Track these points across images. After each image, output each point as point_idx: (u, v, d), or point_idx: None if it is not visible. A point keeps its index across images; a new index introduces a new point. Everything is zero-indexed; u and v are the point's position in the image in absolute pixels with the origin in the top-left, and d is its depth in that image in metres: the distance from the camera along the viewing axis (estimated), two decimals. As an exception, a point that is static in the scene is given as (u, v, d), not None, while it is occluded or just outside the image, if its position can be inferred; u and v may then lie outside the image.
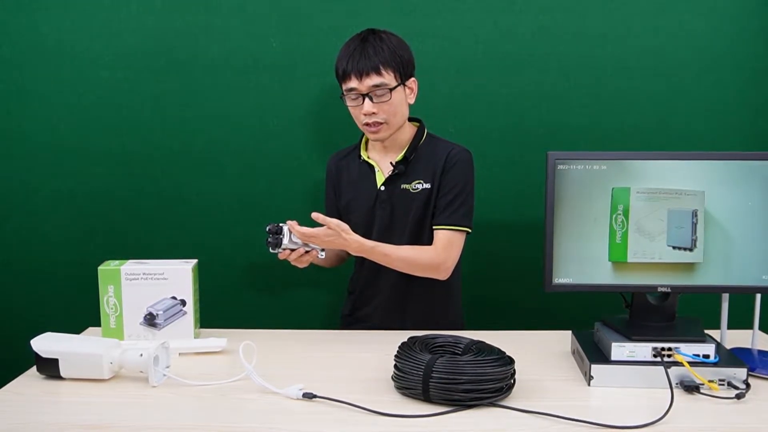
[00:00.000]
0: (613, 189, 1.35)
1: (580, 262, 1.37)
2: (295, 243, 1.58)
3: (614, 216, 1.36)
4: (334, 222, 1.56)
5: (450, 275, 1.72)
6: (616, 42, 2.01)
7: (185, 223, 2.12)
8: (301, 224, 1.57)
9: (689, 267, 1.36)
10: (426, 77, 2.03)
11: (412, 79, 1.70)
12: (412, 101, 1.71)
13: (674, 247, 1.35)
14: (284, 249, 1.58)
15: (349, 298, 1.90)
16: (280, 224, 1.57)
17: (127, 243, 2.12)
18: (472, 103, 2.04)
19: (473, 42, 2.02)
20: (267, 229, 1.56)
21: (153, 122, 2.07)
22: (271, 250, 1.58)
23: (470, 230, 1.72)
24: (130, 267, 1.55)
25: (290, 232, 1.57)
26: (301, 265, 1.63)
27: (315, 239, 1.56)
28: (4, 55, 2.05)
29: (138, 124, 2.07)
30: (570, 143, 2.03)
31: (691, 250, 1.35)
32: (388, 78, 1.62)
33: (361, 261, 1.81)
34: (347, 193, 1.80)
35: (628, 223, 1.35)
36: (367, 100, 1.62)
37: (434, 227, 1.71)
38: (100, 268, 1.55)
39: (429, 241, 1.72)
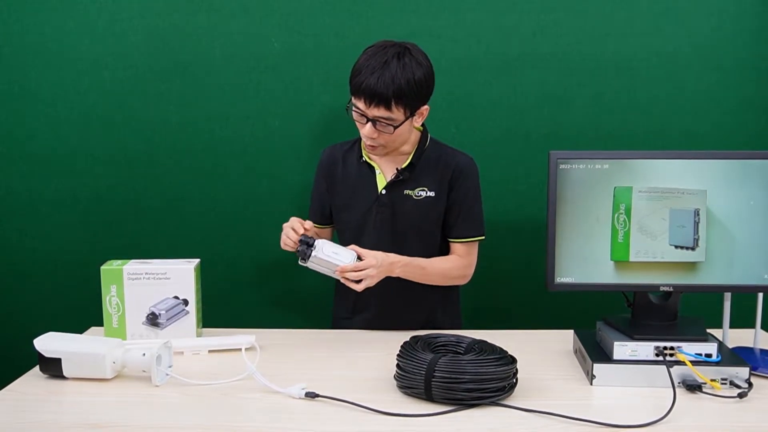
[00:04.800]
0: (615, 188, 1.35)
1: (583, 261, 1.37)
2: (323, 261, 1.51)
3: (616, 215, 1.36)
4: (380, 255, 1.57)
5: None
6: (618, 42, 2.01)
7: (188, 223, 2.12)
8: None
9: (691, 266, 1.36)
10: (428, 77, 2.03)
11: (425, 107, 1.63)
12: (418, 125, 1.68)
13: (676, 247, 1.35)
14: (311, 263, 1.52)
15: (340, 304, 1.86)
16: (314, 238, 1.53)
17: (129, 243, 2.12)
18: (473, 103, 2.04)
19: (474, 42, 2.02)
20: (299, 239, 1.53)
21: (155, 122, 2.07)
22: (299, 262, 1.53)
23: (484, 236, 1.75)
24: (132, 267, 1.55)
25: (323, 248, 1.51)
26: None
27: (366, 277, 1.53)
28: (5, 56, 2.05)
29: (140, 124, 2.07)
30: (572, 143, 2.03)
31: (693, 249, 1.35)
32: (397, 114, 1.55)
33: None
34: (342, 191, 1.77)
35: (630, 222, 1.35)
36: (369, 124, 1.58)
37: (453, 240, 1.74)
38: (102, 267, 1.55)
39: (426, 246, 1.72)
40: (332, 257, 1.51)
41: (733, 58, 2.01)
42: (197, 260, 1.62)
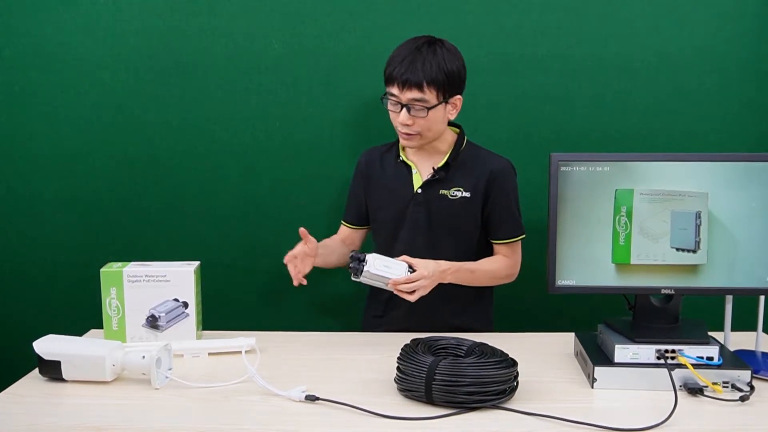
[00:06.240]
0: (616, 190, 1.35)
1: (584, 263, 1.37)
2: (375, 275, 1.51)
3: (617, 217, 1.35)
4: (431, 264, 1.57)
5: None
6: (620, 43, 2.00)
7: (188, 225, 2.12)
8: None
9: (693, 269, 1.35)
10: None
11: (458, 96, 1.68)
12: (452, 117, 1.70)
13: (678, 249, 1.35)
14: (363, 278, 1.52)
15: (375, 301, 1.86)
16: (365, 253, 1.52)
17: (129, 245, 2.11)
18: (474, 104, 2.03)
19: (475, 43, 2.01)
20: (350, 254, 1.52)
21: (155, 124, 2.07)
22: (352, 278, 1.53)
23: (525, 234, 1.79)
24: (132, 269, 1.55)
25: (375, 263, 1.50)
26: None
27: (419, 287, 1.53)
28: (5, 56, 2.05)
29: (140, 125, 2.07)
30: (573, 145, 2.02)
31: (694, 251, 1.35)
32: (430, 96, 1.60)
33: None
34: (379, 190, 1.79)
35: (632, 224, 1.35)
36: (404, 110, 1.62)
37: (497, 241, 1.77)
38: (102, 270, 1.55)
39: (460, 246, 1.74)
40: (384, 271, 1.51)
41: (734, 59, 2.00)
42: (197, 262, 1.61)
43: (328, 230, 1.94)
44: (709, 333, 1.36)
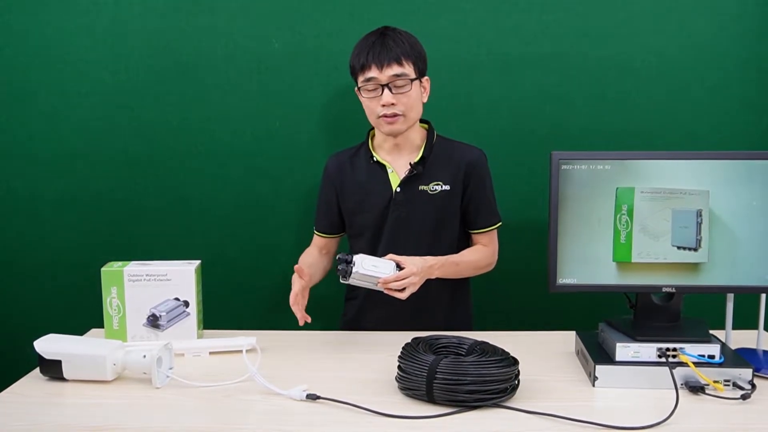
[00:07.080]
0: (617, 189, 1.35)
1: (585, 262, 1.37)
2: (364, 275, 1.49)
3: (618, 216, 1.35)
4: (418, 260, 1.56)
5: None
6: (620, 42, 2.00)
7: (188, 225, 2.12)
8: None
9: (694, 267, 1.35)
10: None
11: (426, 77, 1.71)
12: (425, 100, 1.72)
13: (679, 247, 1.35)
14: (353, 279, 1.50)
15: (351, 304, 1.87)
16: (351, 254, 1.51)
17: (130, 244, 2.11)
18: (475, 103, 2.04)
19: (475, 43, 2.02)
20: (336, 257, 1.51)
21: (156, 123, 2.07)
22: (341, 280, 1.52)
23: (501, 221, 1.80)
24: (133, 268, 1.55)
25: (363, 263, 1.49)
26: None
27: (409, 284, 1.52)
28: (6, 56, 2.05)
29: (141, 125, 2.07)
30: (574, 143, 2.03)
31: (695, 250, 1.35)
32: (408, 69, 1.63)
33: None
34: (354, 194, 1.77)
35: (633, 223, 1.35)
36: (386, 90, 1.62)
37: (475, 231, 1.78)
38: (103, 269, 1.55)
39: (444, 241, 1.74)
40: (372, 271, 1.50)
41: (734, 58, 2.01)
42: (198, 261, 1.61)
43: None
44: (711, 331, 1.36)
